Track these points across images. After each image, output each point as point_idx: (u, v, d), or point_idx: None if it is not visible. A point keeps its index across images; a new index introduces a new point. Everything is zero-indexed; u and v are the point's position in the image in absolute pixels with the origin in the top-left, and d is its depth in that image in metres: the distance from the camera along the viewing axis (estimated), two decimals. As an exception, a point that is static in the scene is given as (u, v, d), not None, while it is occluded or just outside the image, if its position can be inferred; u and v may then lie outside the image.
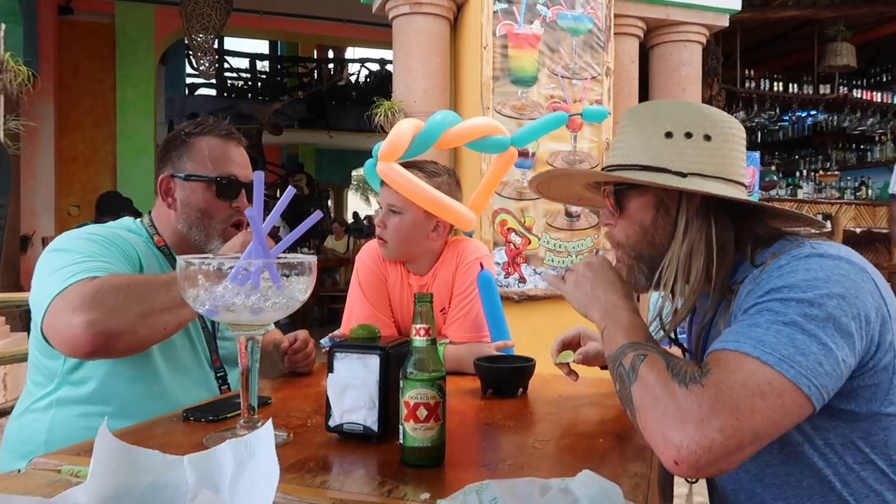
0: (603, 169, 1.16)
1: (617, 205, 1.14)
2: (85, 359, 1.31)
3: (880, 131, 8.87)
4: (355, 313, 1.87)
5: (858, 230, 6.48)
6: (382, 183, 1.83)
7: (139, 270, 1.44)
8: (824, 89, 8.32)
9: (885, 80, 8.97)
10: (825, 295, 0.89)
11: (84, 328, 1.20)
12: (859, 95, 8.51)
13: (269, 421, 0.77)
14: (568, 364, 1.46)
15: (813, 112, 9.03)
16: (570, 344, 1.48)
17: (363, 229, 11.41)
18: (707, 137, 1.07)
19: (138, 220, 1.59)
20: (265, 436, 0.75)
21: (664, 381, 0.88)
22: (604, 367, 1.48)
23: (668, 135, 1.07)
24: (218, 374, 1.57)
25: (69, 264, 1.31)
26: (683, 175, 1.05)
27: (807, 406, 0.85)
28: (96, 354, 1.25)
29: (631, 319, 1.03)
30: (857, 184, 8.32)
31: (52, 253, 1.37)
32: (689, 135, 1.07)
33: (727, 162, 1.07)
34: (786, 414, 0.85)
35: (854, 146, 9.40)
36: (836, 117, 8.88)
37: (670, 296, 1.12)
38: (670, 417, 0.84)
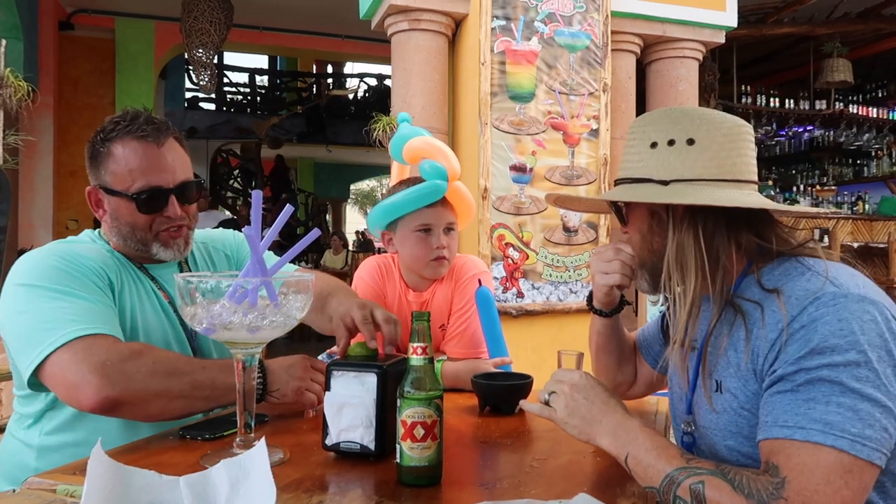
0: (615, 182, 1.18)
1: (621, 218, 1.18)
2: (78, 409, 1.26)
3: (877, 146, 8.92)
4: None
5: (856, 245, 6.50)
6: (435, 204, 1.80)
7: (109, 284, 1.38)
8: (821, 105, 8.38)
9: (880, 95, 9.02)
10: (866, 348, 0.89)
11: (97, 388, 1.17)
12: (855, 111, 8.56)
13: (263, 440, 0.77)
14: None
15: (809, 127, 9.09)
16: None
17: (369, 245, 11.40)
18: (690, 142, 1.07)
19: (97, 230, 1.54)
20: (259, 455, 0.74)
21: None
22: (605, 314, 1.38)
23: (653, 145, 1.09)
24: None
25: (57, 311, 1.25)
26: (665, 183, 1.07)
27: (878, 472, 0.87)
28: (95, 412, 1.21)
29: (652, 438, 0.99)
30: (853, 199, 8.35)
31: (24, 288, 1.30)
32: (671, 142, 1.08)
33: (714, 163, 1.06)
34: (867, 488, 0.86)
35: (851, 161, 9.44)
36: (832, 132, 8.93)
37: (670, 302, 1.12)
38: None
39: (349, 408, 1.09)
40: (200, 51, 6.54)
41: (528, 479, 1.04)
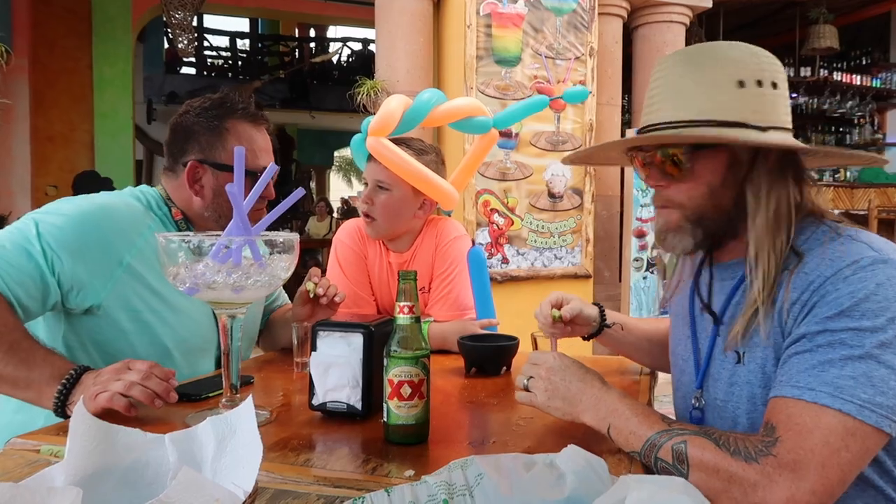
0: (647, 129, 1.03)
1: (680, 165, 1.00)
2: None
3: (859, 114, 8.95)
4: None
5: (836, 212, 6.55)
6: (370, 159, 1.80)
7: (135, 248, 1.33)
8: (805, 72, 8.37)
9: (864, 63, 9.02)
10: None
11: None
12: (839, 78, 8.56)
13: (250, 397, 0.77)
14: (561, 318, 1.38)
15: (793, 95, 9.08)
16: (555, 306, 1.40)
17: (353, 212, 11.33)
18: (774, 85, 0.97)
19: (153, 189, 1.48)
20: (246, 413, 0.74)
21: (725, 461, 0.83)
22: (586, 338, 1.45)
23: (741, 84, 0.96)
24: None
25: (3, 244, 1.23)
26: (763, 129, 0.95)
27: (885, 439, 0.85)
28: None
29: (633, 407, 0.96)
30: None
31: (32, 214, 1.29)
32: (759, 83, 0.96)
33: (789, 111, 0.99)
34: (869, 454, 0.84)
35: (833, 129, 9.47)
36: (816, 100, 8.94)
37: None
38: (752, 498, 0.81)
39: (335, 368, 1.08)
40: (179, 13, 6.38)
41: (514, 437, 1.04)
